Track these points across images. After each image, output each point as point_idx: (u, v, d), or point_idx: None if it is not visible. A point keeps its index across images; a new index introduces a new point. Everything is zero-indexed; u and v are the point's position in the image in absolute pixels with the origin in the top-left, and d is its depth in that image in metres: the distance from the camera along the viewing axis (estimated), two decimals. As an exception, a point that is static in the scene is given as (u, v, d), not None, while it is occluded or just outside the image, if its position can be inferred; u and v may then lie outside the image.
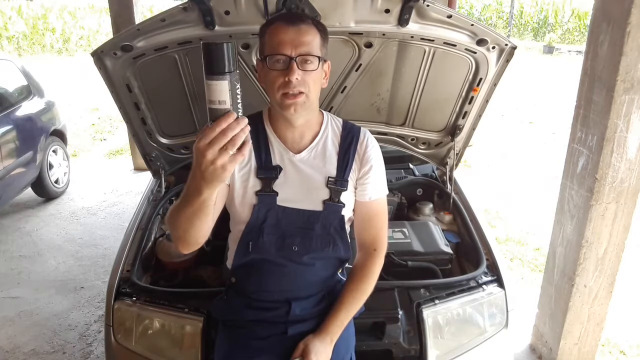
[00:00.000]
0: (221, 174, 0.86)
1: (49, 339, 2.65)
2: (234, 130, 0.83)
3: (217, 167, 0.84)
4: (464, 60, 1.79)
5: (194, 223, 1.03)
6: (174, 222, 1.05)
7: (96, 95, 7.37)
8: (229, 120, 0.83)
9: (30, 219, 4.10)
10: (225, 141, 0.83)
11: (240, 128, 0.83)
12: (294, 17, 1.20)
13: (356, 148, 1.32)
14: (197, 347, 1.50)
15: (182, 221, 1.02)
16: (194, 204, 0.96)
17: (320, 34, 1.20)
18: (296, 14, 1.32)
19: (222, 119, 0.83)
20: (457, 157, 2.18)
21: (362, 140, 1.33)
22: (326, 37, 1.23)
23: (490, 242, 1.86)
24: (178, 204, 1.01)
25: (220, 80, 0.83)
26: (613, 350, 2.58)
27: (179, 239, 1.09)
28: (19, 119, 3.93)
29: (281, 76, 1.15)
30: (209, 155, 0.83)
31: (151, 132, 2.01)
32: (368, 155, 1.32)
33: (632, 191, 2.05)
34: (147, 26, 1.58)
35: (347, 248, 1.32)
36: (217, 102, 0.84)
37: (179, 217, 1.02)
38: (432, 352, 1.54)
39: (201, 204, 0.96)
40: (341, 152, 1.31)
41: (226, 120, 0.83)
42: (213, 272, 1.91)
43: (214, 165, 0.84)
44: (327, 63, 1.26)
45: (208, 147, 0.83)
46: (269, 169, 1.27)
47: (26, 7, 15.08)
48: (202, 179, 0.88)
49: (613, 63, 1.85)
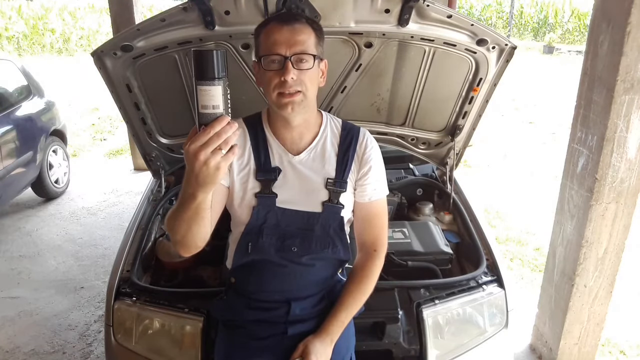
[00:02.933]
0: (214, 175, 0.89)
1: (49, 339, 2.65)
2: (227, 132, 0.87)
3: (210, 167, 0.88)
4: (464, 60, 1.79)
5: (191, 227, 1.04)
6: (172, 227, 1.07)
7: (96, 95, 7.37)
8: (222, 124, 0.86)
9: (30, 219, 4.10)
10: (218, 143, 0.86)
11: (232, 131, 0.87)
12: (287, 17, 1.19)
13: (355, 149, 1.31)
14: (197, 347, 1.50)
15: (180, 226, 1.04)
16: (190, 209, 0.98)
17: (315, 32, 1.19)
18: (290, 14, 1.32)
19: (216, 122, 0.86)
20: (457, 157, 2.18)
21: (361, 141, 1.32)
22: (321, 35, 1.22)
23: (490, 242, 1.86)
24: (175, 209, 1.03)
25: (214, 85, 0.86)
26: (613, 350, 2.58)
27: (178, 243, 1.10)
28: (19, 119, 3.93)
29: (277, 76, 1.15)
30: (202, 156, 0.86)
31: (151, 132, 2.01)
32: (367, 156, 1.31)
33: (632, 191, 2.05)
34: (147, 26, 1.58)
35: (346, 249, 1.32)
36: (211, 107, 0.87)
37: (177, 222, 1.04)
38: (432, 352, 1.54)
39: (197, 208, 0.98)
40: (340, 153, 1.30)
41: (220, 124, 0.86)
42: (213, 272, 1.91)
43: (207, 166, 0.87)
44: (324, 62, 1.25)
45: (201, 150, 0.86)
46: (268, 170, 1.27)
47: (26, 7, 15.08)
48: (195, 182, 0.91)
49: (613, 63, 1.85)
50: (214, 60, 0.85)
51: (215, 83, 0.86)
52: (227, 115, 0.88)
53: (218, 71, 0.86)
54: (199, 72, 0.86)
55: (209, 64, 0.85)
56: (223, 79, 0.86)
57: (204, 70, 0.85)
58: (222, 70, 0.86)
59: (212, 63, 0.85)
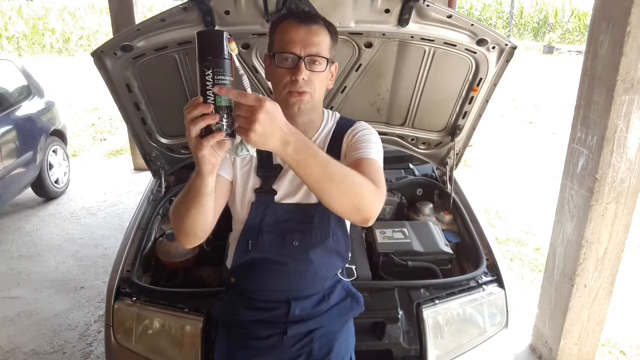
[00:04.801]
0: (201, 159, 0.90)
1: (49, 339, 2.65)
2: (192, 111, 0.85)
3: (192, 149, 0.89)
4: (464, 60, 1.79)
5: (191, 212, 1.05)
6: (175, 211, 1.09)
7: (96, 95, 7.38)
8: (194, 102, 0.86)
9: (30, 219, 4.10)
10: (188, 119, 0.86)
11: (201, 112, 0.85)
12: (306, 17, 1.20)
13: (345, 135, 1.29)
14: (197, 347, 1.50)
15: (181, 209, 1.06)
16: (191, 191, 1.01)
17: (331, 35, 1.21)
18: (309, 14, 1.31)
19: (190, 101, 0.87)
20: (457, 157, 2.18)
21: (352, 129, 1.30)
22: (336, 38, 1.23)
23: (490, 242, 1.86)
24: (181, 192, 1.07)
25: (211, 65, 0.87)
26: (613, 350, 2.58)
27: (178, 229, 1.11)
28: (19, 119, 3.93)
29: (288, 74, 1.16)
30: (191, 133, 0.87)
31: (151, 132, 2.01)
32: (355, 131, 1.28)
33: (632, 191, 2.05)
34: (147, 26, 1.58)
35: (347, 238, 1.32)
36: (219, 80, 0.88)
37: (179, 205, 1.07)
38: (432, 352, 1.54)
39: (196, 191, 1.00)
40: (331, 142, 1.30)
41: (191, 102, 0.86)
42: (213, 272, 1.91)
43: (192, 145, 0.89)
44: (335, 65, 1.26)
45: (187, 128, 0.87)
46: (270, 167, 1.28)
47: (26, 7, 15.10)
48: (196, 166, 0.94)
49: (613, 63, 1.85)
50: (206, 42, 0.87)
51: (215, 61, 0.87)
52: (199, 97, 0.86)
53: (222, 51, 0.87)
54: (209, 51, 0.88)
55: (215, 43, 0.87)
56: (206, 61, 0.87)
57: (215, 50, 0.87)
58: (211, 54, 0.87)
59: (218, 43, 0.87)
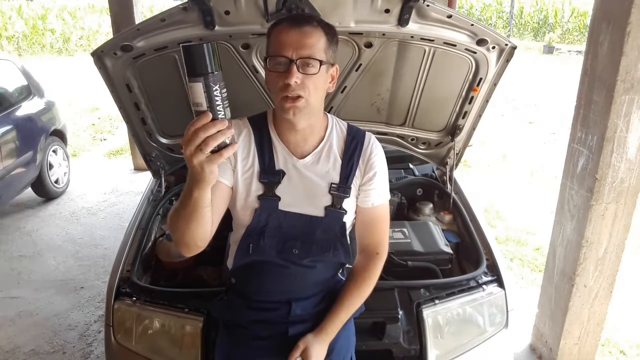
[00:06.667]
0: (202, 174, 0.89)
1: (49, 339, 2.65)
2: (207, 131, 0.84)
3: (194, 166, 0.88)
4: (464, 60, 1.79)
5: (190, 225, 1.04)
6: (173, 224, 1.08)
7: (96, 95, 7.37)
8: (202, 121, 0.85)
9: (30, 219, 4.10)
10: (198, 142, 0.85)
11: (216, 130, 0.85)
12: (299, 19, 1.16)
13: (360, 154, 1.29)
14: (197, 347, 1.50)
15: (180, 222, 1.05)
16: (189, 205, 0.99)
17: (327, 36, 1.16)
18: (303, 15, 1.30)
19: (195, 120, 0.85)
20: (457, 157, 2.18)
21: (366, 146, 1.30)
22: (334, 39, 1.19)
23: (490, 242, 1.86)
24: (175, 206, 1.05)
25: (195, 82, 0.85)
26: (613, 350, 2.58)
27: (178, 241, 1.11)
28: (19, 119, 3.93)
29: (281, 78, 1.12)
30: (187, 152, 0.87)
31: (151, 132, 2.01)
32: (372, 161, 1.29)
33: (632, 191, 2.05)
34: (147, 26, 1.58)
35: (347, 253, 1.31)
36: (196, 104, 0.86)
37: (177, 219, 1.05)
38: (432, 352, 1.54)
39: (194, 205, 0.98)
40: (345, 158, 1.28)
41: (200, 121, 0.85)
42: (213, 272, 1.91)
43: (191, 164, 0.88)
44: (335, 67, 1.21)
45: (185, 147, 0.86)
46: (272, 173, 1.25)
47: (26, 7, 15.10)
48: (192, 178, 0.92)
49: (613, 63, 1.85)
50: (194, 55, 0.84)
51: (195, 80, 0.84)
52: (209, 113, 0.85)
53: (199, 67, 0.84)
54: (184, 67, 0.86)
55: (189, 60, 0.84)
56: (207, 75, 0.84)
57: (186, 66, 0.85)
58: (207, 66, 0.84)
59: (192, 59, 0.84)
